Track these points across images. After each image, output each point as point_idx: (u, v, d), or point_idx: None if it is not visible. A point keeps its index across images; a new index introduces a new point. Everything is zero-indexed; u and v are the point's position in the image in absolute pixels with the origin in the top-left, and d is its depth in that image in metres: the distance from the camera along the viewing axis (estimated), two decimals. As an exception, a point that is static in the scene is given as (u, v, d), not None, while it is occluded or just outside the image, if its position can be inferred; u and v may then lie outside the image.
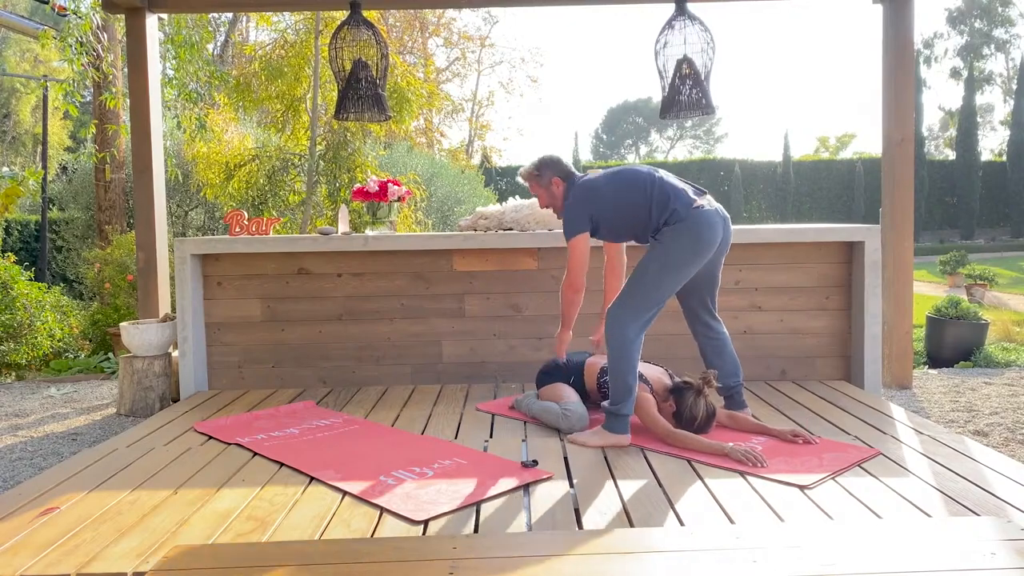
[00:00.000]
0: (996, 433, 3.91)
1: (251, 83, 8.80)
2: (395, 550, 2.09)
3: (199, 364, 4.56)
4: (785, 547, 2.06)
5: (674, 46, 4.65)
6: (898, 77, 5.16)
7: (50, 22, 10.94)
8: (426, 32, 19.81)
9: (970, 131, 27.59)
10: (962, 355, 6.14)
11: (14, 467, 3.67)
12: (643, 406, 3.17)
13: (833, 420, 3.56)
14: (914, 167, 5.27)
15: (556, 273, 4.58)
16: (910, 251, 5.14)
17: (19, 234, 13.55)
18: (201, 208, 10.56)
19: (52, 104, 13.88)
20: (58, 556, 2.16)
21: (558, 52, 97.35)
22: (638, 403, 3.18)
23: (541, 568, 1.97)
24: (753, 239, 4.39)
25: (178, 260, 4.50)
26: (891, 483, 2.65)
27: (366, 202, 4.74)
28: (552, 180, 3.42)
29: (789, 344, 4.60)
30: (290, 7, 6.79)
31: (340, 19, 6.38)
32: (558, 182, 3.42)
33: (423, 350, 4.63)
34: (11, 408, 4.96)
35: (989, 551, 2.02)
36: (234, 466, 3.00)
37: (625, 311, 3.11)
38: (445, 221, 11.60)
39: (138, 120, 5.37)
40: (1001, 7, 37.77)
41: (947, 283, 15.07)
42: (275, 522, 2.40)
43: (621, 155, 50.52)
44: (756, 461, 2.84)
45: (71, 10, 6.44)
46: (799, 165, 28.24)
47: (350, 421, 3.68)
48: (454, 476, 2.78)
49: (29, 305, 6.60)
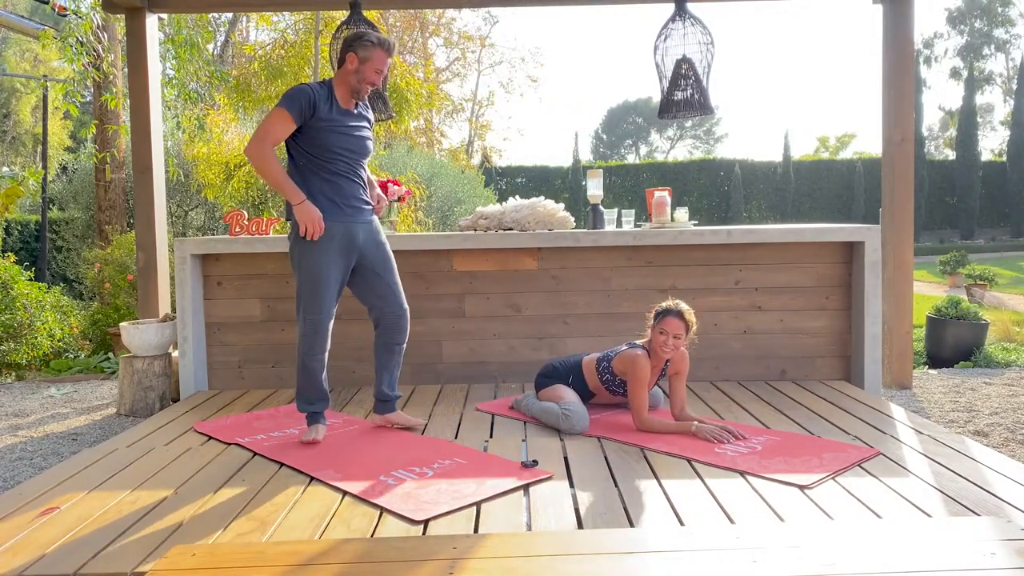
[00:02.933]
0: (996, 433, 3.91)
1: (251, 83, 8.81)
2: (395, 550, 2.09)
3: (199, 364, 4.56)
4: (785, 547, 2.06)
5: (674, 46, 4.65)
6: (898, 77, 5.17)
7: (50, 22, 10.95)
8: (426, 32, 19.81)
9: (970, 131, 27.61)
10: (962, 355, 6.14)
11: (14, 467, 3.67)
12: (637, 370, 3.30)
13: (833, 420, 3.56)
14: (914, 167, 5.27)
15: (556, 273, 4.59)
16: (910, 251, 5.14)
17: (19, 234, 13.55)
18: (201, 208, 10.56)
19: (52, 104, 13.89)
20: (58, 556, 2.16)
21: (558, 52, 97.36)
22: (634, 360, 3.32)
23: (541, 568, 1.97)
24: (753, 239, 4.39)
25: (178, 260, 4.50)
26: (891, 483, 2.65)
27: (366, 202, 4.74)
28: None
29: (789, 344, 4.60)
30: (290, 7, 6.79)
31: (340, 19, 6.39)
32: None
33: (423, 350, 4.63)
34: (11, 408, 4.96)
35: (989, 551, 2.02)
36: (234, 466, 3.00)
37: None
38: (445, 221, 11.60)
39: (138, 120, 5.37)
40: (1001, 7, 37.78)
41: (947, 283, 15.08)
42: (275, 522, 2.40)
43: (621, 155, 50.52)
44: (725, 438, 3.09)
45: (71, 10, 6.44)
46: (799, 165, 28.24)
47: (350, 421, 3.68)
48: (454, 476, 2.78)
49: (29, 305, 6.60)
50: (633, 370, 3.33)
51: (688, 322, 3.29)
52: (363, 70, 3.17)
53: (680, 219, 4.66)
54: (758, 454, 2.99)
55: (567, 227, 4.53)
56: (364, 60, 3.16)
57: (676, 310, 3.29)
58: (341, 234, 3.24)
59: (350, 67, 3.18)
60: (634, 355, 3.35)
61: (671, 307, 3.31)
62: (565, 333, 4.60)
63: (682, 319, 3.28)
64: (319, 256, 3.22)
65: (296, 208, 3.13)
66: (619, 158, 48.90)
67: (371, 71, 3.17)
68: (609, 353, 3.54)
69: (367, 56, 3.15)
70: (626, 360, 3.38)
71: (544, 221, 4.49)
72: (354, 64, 3.17)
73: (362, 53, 3.15)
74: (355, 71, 3.18)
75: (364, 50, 3.15)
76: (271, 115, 3.11)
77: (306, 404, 3.37)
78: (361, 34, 3.19)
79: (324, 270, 3.23)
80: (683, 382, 3.45)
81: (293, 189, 3.14)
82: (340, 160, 3.25)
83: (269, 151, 3.10)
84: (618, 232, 4.41)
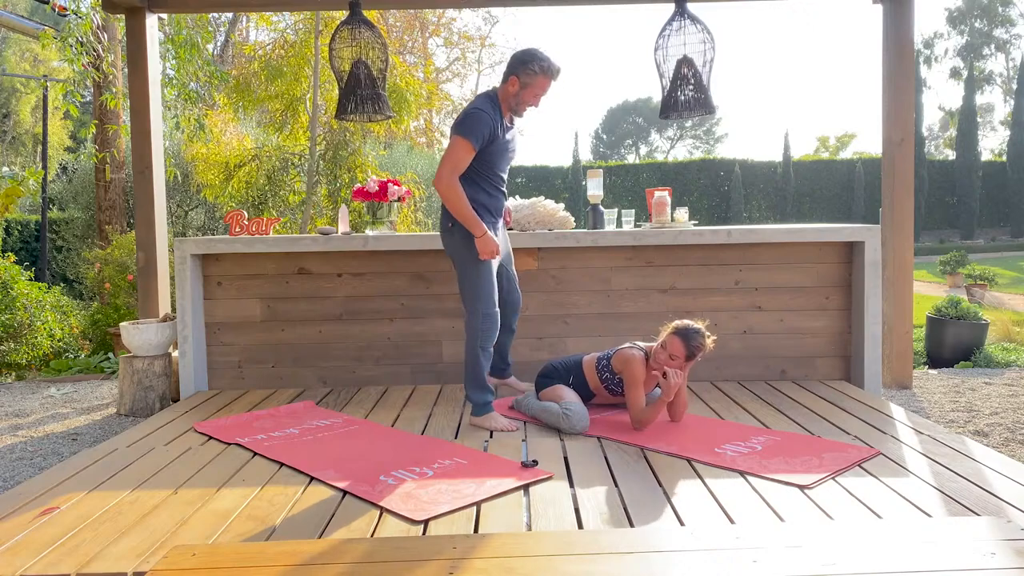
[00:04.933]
0: (996, 433, 3.92)
1: (251, 83, 8.81)
2: (395, 550, 2.09)
3: (199, 364, 4.57)
4: (785, 547, 2.06)
5: (674, 46, 4.65)
6: (898, 77, 5.17)
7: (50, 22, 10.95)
8: (426, 32, 19.81)
9: (970, 131, 27.60)
10: (962, 355, 6.14)
11: (14, 467, 3.67)
12: (632, 369, 3.31)
13: (833, 420, 3.56)
14: (914, 167, 5.27)
15: (556, 273, 4.59)
16: (910, 251, 5.15)
17: (19, 234, 13.56)
18: (201, 208, 10.56)
19: (52, 104, 13.89)
20: (58, 556, 2.16)
21: (558, 52, 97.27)
22: (629, 361, 3.33)
23: (541, 568, 1.97)
24: (753, 239, 4.39)
25: (178, 260, 4.50)
26: (891, 483, 2.65)
27: (366, 202, 4.74)
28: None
29: (789, 344, 4.60)
30: (290, 7, 6.79)
31: (340, 19, 6.39)
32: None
33: (423, 350, 4.63)
34: (11, 408, 4.96)
35: (988, 551, 2.02)
36: (234, 466, 3.00)
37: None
38: (445, 221, 11.58)
39: (138, 120, 5.37)
40: (1001, 7, 37.78)
41: (947, 283, 15.07)
42: (275, 522, 2.40)
43: (621, 155, 50.51)
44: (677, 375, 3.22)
45: (71, 10, 6.44)
46: (799, 165, 28.23)
47: (350, 421, 3.68)
48: (454, 476, 2.78)
49: (29, 305, 6.60)
50: (628, 369, 3.34)
51: (690, 352, 3.21)
52: (523, 94, 3.32)
53: (680, 219, 4.66)
54: (758, 454, 2.99)
55: (567, 227, 4.53)
56: (525, 85, 3.31)
57: (686, 336, 3.21)
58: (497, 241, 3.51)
59: (511, 89, 3.32)
60: (631, 354, 3.36)
61: (685, 331, 3.23)
62: (565, 333, 4.60)
63: (686, 347, 3.21)
64: (489, 263, 3.47)
65: (478, 240, 3.35)
66: (619, 158, 48.89)
67: (531, 95, 3.33)
68: (609, 352, 3.55)
69: (528, 82, 3.30)
70: (622, 359, 3.39)
71: (544, 221, 4.49)
72: (515, 87, 3.31)
73: (524, 79, 3.29)
74: (515, 94, 3.32)
75: (527, 76, 3.28)
76: (456, 147, 3.23)
77: (482, 394, 3.53)
78: (527, 58, 3.28)
79: (492, 274, 3.51)
80: (683, 391, 3.42)
81: (477, 222, 3.33)
82: (501, 174, 3.51)
83: (458, 184, 3.28)
84: (618, 232, 4.41)
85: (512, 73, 3.30)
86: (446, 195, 3.27)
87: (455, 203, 3.27)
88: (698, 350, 3.23)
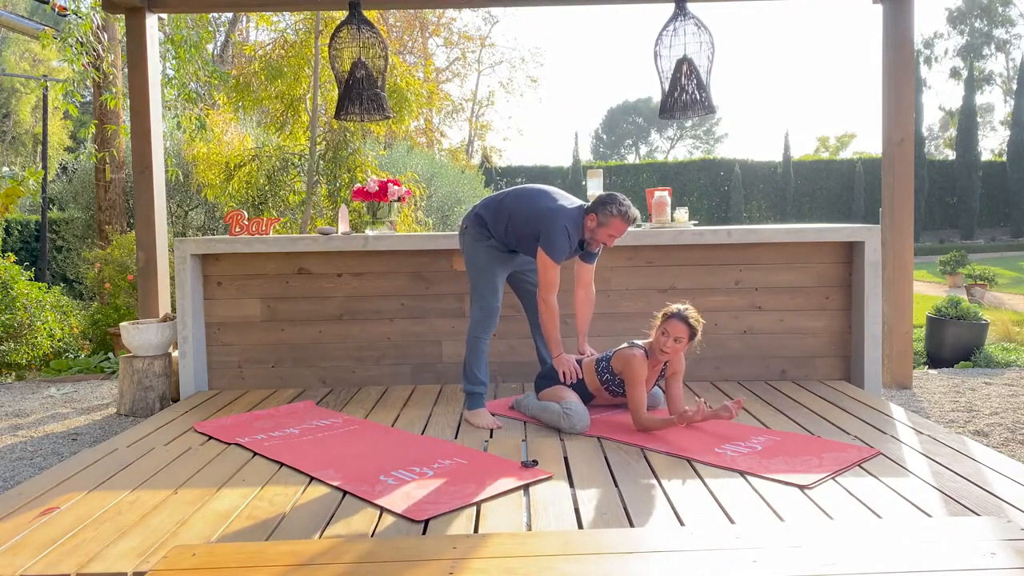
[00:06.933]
0: (996, 433, 3.92)
1: (251, 83, 8.80)
2: (395, 550, 2.09)
3: (199, 364, 4.56)
4: (785, 547, 2.06)
5: (674, 46, 4.65)
6: (898, 77, 5.17)
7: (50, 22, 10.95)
8: (426, 32, 19.81)
9: (970, 131, 27.59)
10: (962, 355, 6.14)
11: (14, 467, 3.67)
12: (633, 368, 3.31)
13: (833, 420, 3.56)
14: (914, 167, 5.27)
15: (556, 273, 4.58)
16: (910, 251, 5.14)
17: (19, 234, 13.56)
18: (201, 208, 10.56)
19: (52, 104, 13.89)
20: (58, 556, 2.16)
21: (558, 52, 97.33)
22: (630, 360, 3.33)
23: (541, 568, 1.97)
24: (753, 239, 4.39)
25: (178, 260, 4.50)
26: (891, 483, 2.65)
27: (366, 202, 4.75)
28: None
29: (789, 344, 4.60)
30: (290, 7, 6.79)
31: (340, 19, 6.38)
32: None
33: (423, 350, 4.63)
34: (11, 408, 4.96)
35: (989, 551, 2.02)
36: (234, 466, 3.00)
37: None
38: (445, 221, 11.60)
39: (138, 120, 5.37)
40: (1001, 7, 37.78)
41: (947, 283, 15.07)
42: (275, 522, 2.40)
43: (621, 155, 50.52)
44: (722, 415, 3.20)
45: (71, 10, 6.44)
46: (799, 165, 28.24)
47: (350, 421, 3.68)
48: (454, 476, 2.78)
49: (29, 305, 6.60)
50: (630, 369, 3.33)
51: (693, 329, 3.28)
52: (598, 232, 3.51)
53: (680, 219, 4.66)
54: (758, 454, 2.99)
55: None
56: (601, 225, 3.48)
57: (683, 315, 3.28)
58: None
59: (589, 224, 3.51)
60: (631, 354, 3.36)
61: (679, 311, 3.30)
62: (565, 333, 4.59)
63: (687, 325, 3.27)
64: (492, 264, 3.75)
65: (556, 360, 3.61)
66: (619, 158, 48.90)
67: (605, 235, 3.51)
68: (608, 353, 3.55)
69: (604, 223, 3.47)
70: (623, 358, 3.39)
71: (544, 221, 4.49)
72: (592, 223, 3.50)
73: (601, 218, 3.47)
74: (592, 229, 3.51)
75: (604, 216, 3.46)
76: (550, 269, 3.48)
77: (471, 386, 3.69)
78: (608, 200, 3.48)
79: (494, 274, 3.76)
80: (679, 382, 3.46)
81: (559, 342, 3.59)
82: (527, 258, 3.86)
83: (556, 305, 3.56)
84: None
85: (592, 211, 3.50)
86: (549, 310, 3.55)
87: (551, 317, 3.55)
88: (696, 324, 3.30)
